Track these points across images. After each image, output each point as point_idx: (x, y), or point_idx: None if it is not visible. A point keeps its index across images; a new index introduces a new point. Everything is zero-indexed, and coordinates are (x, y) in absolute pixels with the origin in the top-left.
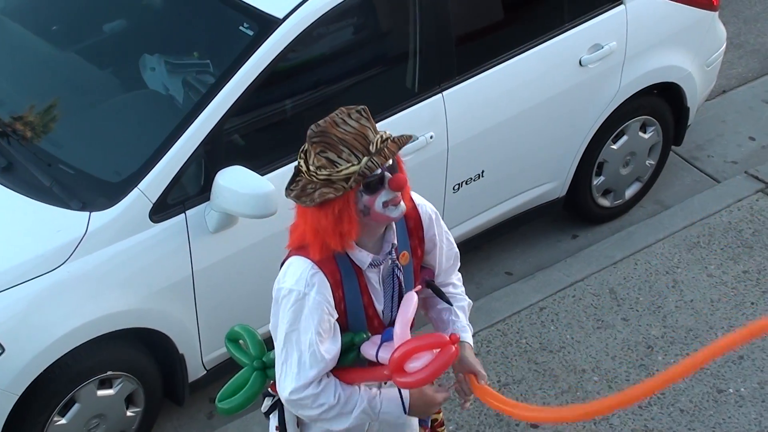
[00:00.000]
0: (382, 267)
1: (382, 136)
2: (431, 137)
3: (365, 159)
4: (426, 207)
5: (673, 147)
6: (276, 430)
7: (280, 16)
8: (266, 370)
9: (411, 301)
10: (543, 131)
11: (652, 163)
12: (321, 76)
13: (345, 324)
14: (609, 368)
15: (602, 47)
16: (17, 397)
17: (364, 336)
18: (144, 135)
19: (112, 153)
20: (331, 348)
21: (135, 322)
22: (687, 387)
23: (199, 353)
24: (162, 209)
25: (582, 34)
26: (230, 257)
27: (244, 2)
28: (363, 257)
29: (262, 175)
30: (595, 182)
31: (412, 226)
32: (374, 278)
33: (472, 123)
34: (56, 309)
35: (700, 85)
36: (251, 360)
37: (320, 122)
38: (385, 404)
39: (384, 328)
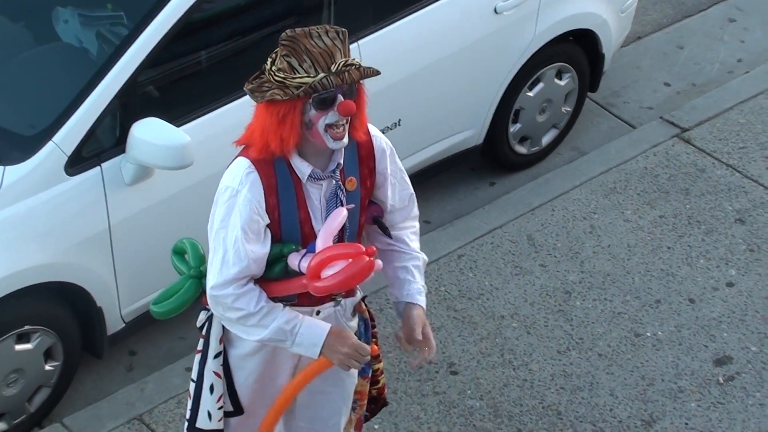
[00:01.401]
0: (324, 185)
1: (347, 60)
2: None
3: (321, 75)
4: (381, 140)
5: (588, 93)
6: (201, 338)
7: None
8: (201, 279)
9: (339, 215)
10: (459, 79)
11: (569, 109)
12: (235, 26)
13: (279, 235)
14: (527, 314)
15: None
16: None
17: (293, 247)
18: (58, 88)
19: (25, 106)
20: (257, 249)
21: (52, 275)
22: (605, 332)
23: (118, 306)
24: (77, 162)
25: None
26: (147, 209)
27: None
28: (303, 167)
29: (178, 126)
30: (511, 129)
31: (364, 154)
32: (315, 194)
33: (388, 72)
34: None
35: (615, 31)
36: (188, 269)
37: (297, 29)
38: (303, 328)
39: None
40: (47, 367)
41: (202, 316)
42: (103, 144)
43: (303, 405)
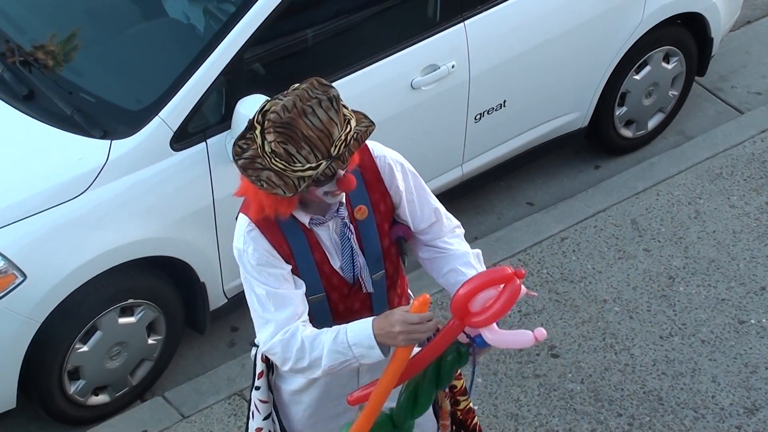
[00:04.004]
0: (330, 224)
1: (346, 135)
2: (453, 66)
3: (324, 164)
4: (386, 158)
5: (696, 78)
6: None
7: None
8: None
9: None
10: (565, 61)
11: (675, 93)
12: (342, 4)
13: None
14: (630, 299)
15: None
16: (39, 325)
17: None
18: (165, 63)
19: (133, 81)
20: (291, 293)
21: (156, 250)
22: (708, 318)
23: (221, 282)
24: (183, 138)
25: None
26: None
27: None
28: (301, 216)
29: None
30: (617, 113)
31: (370, 179)
32: (324, 235)
33: (494, 53)
34: (77, 237)
35: (725, 15)
36: None
37: (288, 106)
38: (350, 335)
39: (347, 286)
40: (150, 341)
41: (253, 352)
42: (208, 120)
43: None
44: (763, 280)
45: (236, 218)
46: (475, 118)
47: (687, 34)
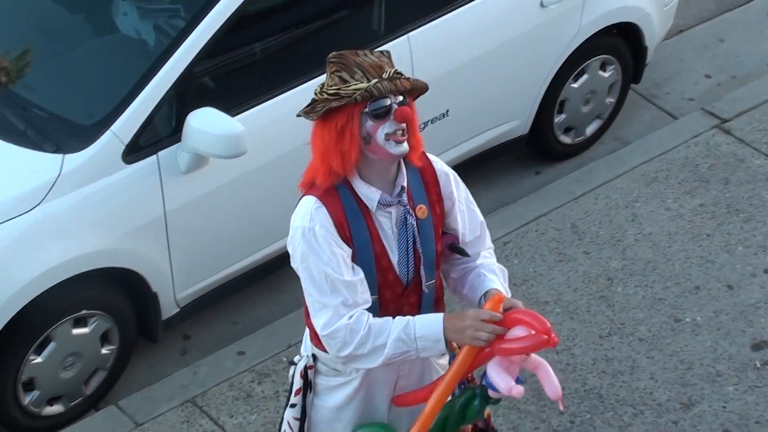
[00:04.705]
0: (393, 212)
1: (397, 70)
2: None
3: (375, 80)
4: (442, 165)
5: (632, 85)
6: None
7: None
8: None
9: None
10: (506, 71)
11: (612, 100)
12: (289, 19)
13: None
14: (571, 300)
15: None
16: None
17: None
18: (116, 78)
19: (85, 96)
20: (350, 279)
21: (109, 261)
22: (645, 317)
23: (172, 291)
24: (134, 151)
25: None
26: (202, 197)
27: None
28: (371, 193)
29: (232, 116)
30: (556, 120)
31: (428, 179)
32: (386, 224)
33: (436, 64)
34: (31, 249)
35: (658, 24)
36: None
37: (342, 50)
38: (419, 327)
39: (401, 286)
40: (103, 351)
41: (291, 370)
42: (159, 133)
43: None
44: (698, 279)
45: (296, 208)
46: (420, 127)
47: (622, 43)
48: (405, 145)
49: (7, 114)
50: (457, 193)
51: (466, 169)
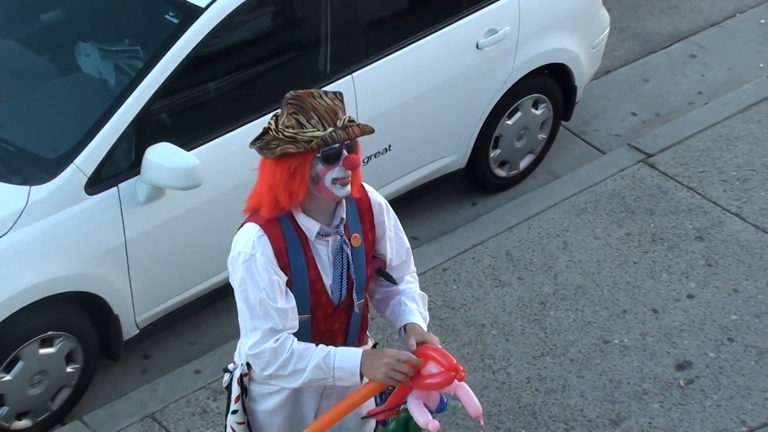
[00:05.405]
0: (330, 241)
1: (349, 118)
2: None
3: (330, 129)
4: (376, 195)
5: (562, 122)
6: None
7: (202, 5)
8: None
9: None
10: (444, 109)
11: (544, 136)
12: (241, 60)
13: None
14: (506, 323)
15: (497, 32)
16: None
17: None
18: (79, 115)
19: (50, 132)
20: (283, 305)
21: (73, 286)
22: (576, 339)
23: (133, 314)
24: (96, 183)
25: (478, 20)
26: (160, 226)
27: None
28: (311, 225)
29: (188, 150)
30: (492, 154)
31: (363, 209)
32: (323, 250)
33: (379, 102)
34: (0, 275)
35: (587, 65)
36: None
37: (299, 90)
38: (338, 361)
39: (332, 306)
40: (68, 369)
41: (226, 378)
42: (120, 166)
43: None
44: (625, 303)
45: (239, 228)
46: (363, 161)
47: (553, 83)
48: (349, 187)
49: None
50: (388, 221)
51: (408, 200)
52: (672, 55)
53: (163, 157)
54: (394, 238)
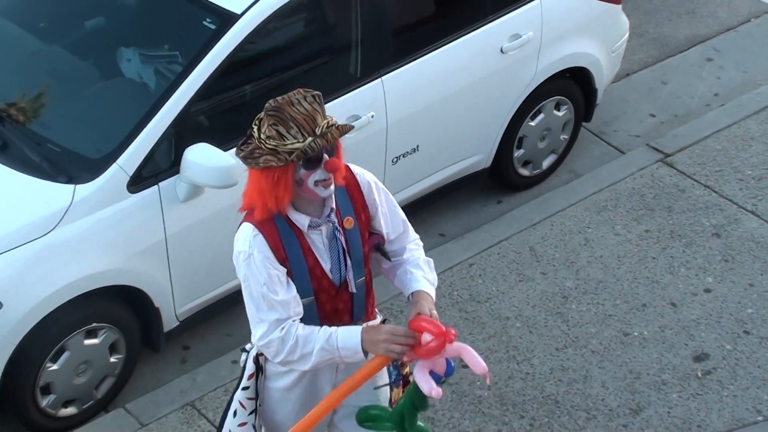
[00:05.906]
0: (323, 229)
1: (328, 122)
2: (372, 116)
3: (309, 139)
4: (364, 175)
5: (583, 123)
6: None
7: (239, 11)
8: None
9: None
10: (470, 111)
11: (566, 137)
12: (275, 64)
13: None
14: (529, 315)
15: (521, 36)
16: (14, 346)
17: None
18: (121, 117)
19: (93, 133)
20: (285, 296)
21: (116, 280)
22: (597, 331)
23: (173, 307)
24: (138, 181)
25: (503, 25)
26: (198, 222)
27: (207, 0)
28: (301, 219)
29: (225, 150)
30: (516, 154)
31: (353, 193)
32: (317, 239)
33: (407, 104)
34: (47, 269)
35: (607, 69)
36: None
37: (278, 98)
38: (341, 341)
39: (334, 288)
40: (112, 359)
41: (243, 357)
42: (160, 166)
43: (342, 417)
44: (644, 297)
45: (237, 228)
46: (393, 161)
47: (575, 86)
48: (332, 187)
49: (25, 149)
50: (379, 198)
51: (435, 198)
52: (689, 59)
53: (201, 156)
54: (388, 213)
